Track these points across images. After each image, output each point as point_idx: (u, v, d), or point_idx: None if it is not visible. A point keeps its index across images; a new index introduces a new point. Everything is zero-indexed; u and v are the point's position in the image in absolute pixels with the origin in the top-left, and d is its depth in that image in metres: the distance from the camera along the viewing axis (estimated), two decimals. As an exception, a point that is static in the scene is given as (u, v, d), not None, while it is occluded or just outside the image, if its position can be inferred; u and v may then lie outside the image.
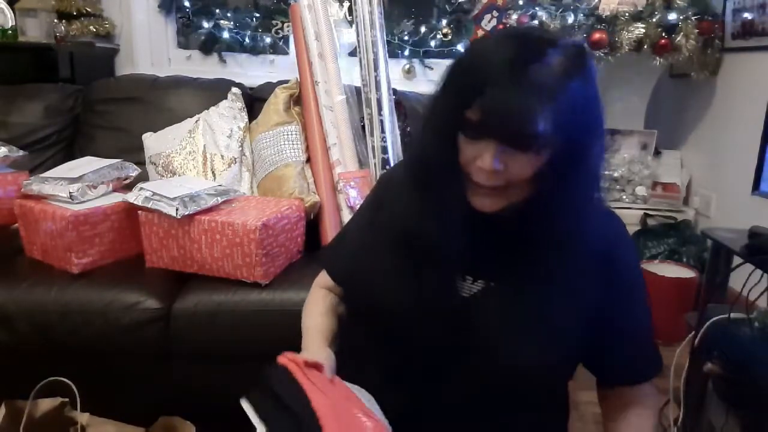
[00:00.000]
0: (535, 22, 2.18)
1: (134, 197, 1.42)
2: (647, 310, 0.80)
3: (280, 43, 2.58)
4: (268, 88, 2.03)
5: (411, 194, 0.74)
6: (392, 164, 1.74)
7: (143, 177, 1.77)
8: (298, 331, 0.98)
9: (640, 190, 2.46)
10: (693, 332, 1.55)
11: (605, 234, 0.74)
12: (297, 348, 0.84)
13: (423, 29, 2.52)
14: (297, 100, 1.89)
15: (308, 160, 1.79)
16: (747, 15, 2.08)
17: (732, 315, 1.44)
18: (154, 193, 1.40)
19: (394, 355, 0.76)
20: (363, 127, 1.85)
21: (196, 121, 1.90)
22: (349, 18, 2.04)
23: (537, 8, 2.19)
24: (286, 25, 2.55)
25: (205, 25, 2.52)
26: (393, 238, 0.77)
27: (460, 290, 0.74)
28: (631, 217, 2.41)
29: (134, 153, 1.91)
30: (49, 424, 1.20)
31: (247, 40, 2.53)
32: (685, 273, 2.20)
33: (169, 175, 1.81)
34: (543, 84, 0.59)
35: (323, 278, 0.96)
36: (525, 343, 0.69)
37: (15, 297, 1.36)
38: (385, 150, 1.78)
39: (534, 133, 0.60)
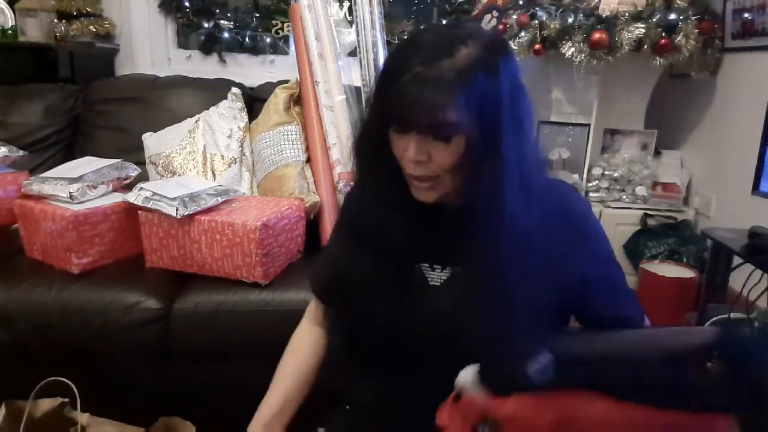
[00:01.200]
0: (535, 22, 2.18)
1: (134, 197, 1.42)
2: (613, 258, 0.82)
3: (280, 43, 2.58)
4: (268, 88, 2.03)
5: (361, 190, 0.81)
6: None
7: (143, 177, 1.77)
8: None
9: (640, 190, 2.46)
10: (693, 332, 1.55)
11: (554, 200, 0.76)
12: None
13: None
14: (297, 100, 1.89)
15: (308, 160, 1.79)
16: (747, 15, 2.08)
17: (732, 315, 1.44)
18: (154, 193, 1.40)
19: (370, 349, 0.79)
20: (363, 127, 1.84)
21: (196, 121, 1.90)
22: (349, 18, 2.04)
23: (537, 8, 2.19)
24: (286, 25, 2.55)
25: (205, 25, 2.51)
26: (354, 234, 0.82)
27: (430, 280, 0.79)
28: (631, 217, 2.41)
29: (134, 153, 1.91)
30: (49, 424, 1.20)
31: (247, 40, 2.53)
32: (685, 273, 2.20)
33: (169, 175, 1.81)
34: (449, 78, 0.65)
35: (312, 305, 0.98)
36: (489, 325, 0.70)
37: (15, 297, 1.36)
38: (385, 150, 1.78)
39: (444, 123, 0.66)
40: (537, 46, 2.19)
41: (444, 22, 2.50)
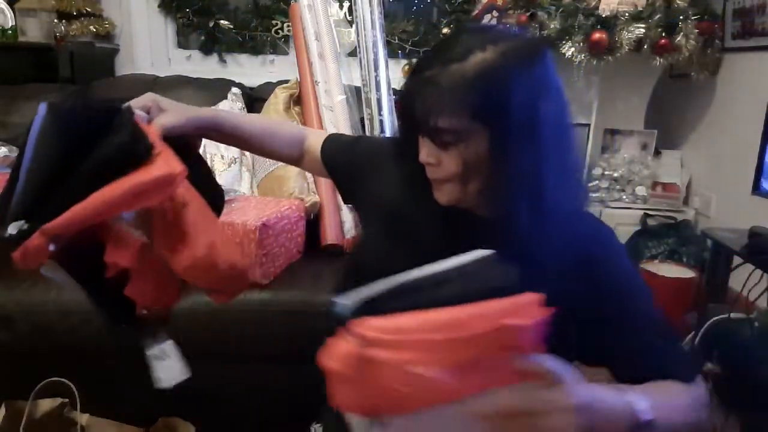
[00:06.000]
0: (535, 23, 2.18)
1: (134, 197, 1.42)
2: (648, 316, 0.73)
3: (280, 43, 2.58)
4: (268, 88, 2.03)
5: (396, 178, 0.80)
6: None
7: (143, 177, 1.77)
8: (298, 330, 0.98)
9: (640, 190, 2.46)
10: (693, 332, 1.56)
11: (582, 238, 0.71)
12: (300, 353, 0.84)
13: (423, 29, 2.52)
14: (297, 100, 1.89)
15: (308, 160, 1.79)
16: (747, 15, 2.08)
17: (732, 315, 1.44)
18: (154, 193, 1.40)
19: None
20: (363, 127, 1.85)
21: (196, 121, 1.90)
22: (349, 18, 2.04)
23: (537, 8, 2.19)
24: (286, 25, 2.55)
25: (205, 25, 2.51)
26: (380, 210, 0.83)
27: None
28: (631, 217, 2.41)
29: (134, 153, 1.91)
30: (49, 425, 1.20)
31: (247, 40, 2.53)
32: (685, 273, 2.19)
33: (169, 175, 1.81)
34: (450, 85, 0.63)
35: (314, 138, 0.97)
36: None
37: (15, 297, 1.35)
38: (385, 150, 1.78)
39: (440, 130, 0.64)
40: (537, 46, 2.19)
41: (445, 21, 2.50)
